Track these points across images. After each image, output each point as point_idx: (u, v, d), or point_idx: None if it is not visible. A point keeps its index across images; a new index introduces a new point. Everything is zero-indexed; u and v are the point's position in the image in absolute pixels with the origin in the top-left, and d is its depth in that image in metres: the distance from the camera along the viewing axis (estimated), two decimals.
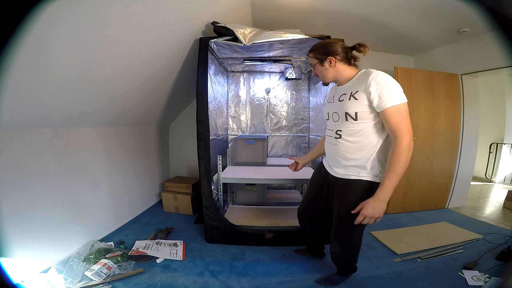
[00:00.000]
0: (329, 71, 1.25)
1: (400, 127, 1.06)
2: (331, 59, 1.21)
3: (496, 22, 0.53)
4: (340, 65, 1.22)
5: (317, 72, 1.30)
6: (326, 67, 1.24)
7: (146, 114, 2.57)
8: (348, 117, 1.17)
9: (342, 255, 1.42)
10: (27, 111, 1.31)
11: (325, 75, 1.27)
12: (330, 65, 1.22)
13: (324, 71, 1.26)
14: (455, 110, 2.82)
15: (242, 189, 2.67)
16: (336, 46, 1.22)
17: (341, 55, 1.21)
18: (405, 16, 2.30)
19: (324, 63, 1.23)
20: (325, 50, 1.23)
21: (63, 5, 0.99)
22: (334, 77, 1.26)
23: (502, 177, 4.29)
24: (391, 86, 1.08)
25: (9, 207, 1.33)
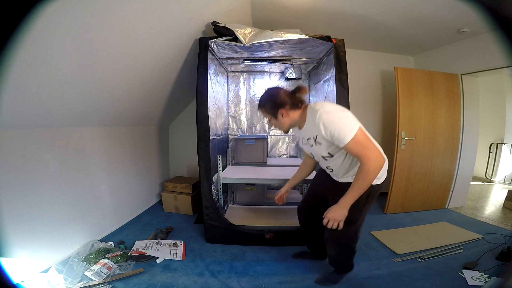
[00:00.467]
0: (285, 121, 1.31)
1: (362, 153, 1.12)
2: (282, 112, 1.28)
3: (496, 22, 0.53)
4: (291, 112, 1.28)
5: (273, 124, 1.36)
6: (280, 120, 1.31)
7: (146, 114, 2.57)
8: (327, 158, 1.28)
9: (339, 256, 1.47)
10: (27, 111, 1.31)
11: (282, 126, 1.34)
12: (283, 116, 1.29)
13: (280, 124, 1.33)
14: (455, 110, 2.82)
15: (242, 189, 2.63)
16: (280, 96, 1.28)
17: (288, 104, 1.27)
18: (405, 16, 2.30)
19: (277, 116, 1.30)
20: (273, 104, 1.29)
21: (63, 5, 0.99)
22: (291, 125, 1.34)
23: (502, 177, 4.29)
24: (337, 124, 1.12)
25: (9, 207, 1.33)
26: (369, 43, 3.07)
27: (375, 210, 2.85)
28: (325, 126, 1.14)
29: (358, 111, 3.24)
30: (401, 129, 2.65)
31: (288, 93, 1.30)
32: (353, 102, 2.00)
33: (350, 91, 1.93)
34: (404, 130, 2.66)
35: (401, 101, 2.64)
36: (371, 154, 1.11)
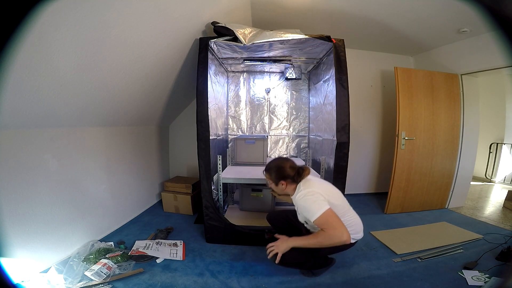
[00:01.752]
0: (282, 190, 1.54)
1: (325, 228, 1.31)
2: (283, 183, 1.50)
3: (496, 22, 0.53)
4: (289, 185, 1.50)
5: (272, 187, 1.59)
6: (279, 187, 1.53)
7: (146, 114, 2.57)
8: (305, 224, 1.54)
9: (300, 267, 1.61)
10: (27, 111, 1.31)
11: (277, 192, 1.61)
12: (283, 186, 1.51)
13: (277, 189, 1.57)
14: (455, 110, 2.82)
15: (247, 196, 2.37)
16: (287, 170, 1.49)
17: (290, 178, 1.48)
18: (405, 16, 2.30)
19: (278, 184, 1.52)
20: (279, 174, 1.51)
21: (63, 5, 0.99)
22: (285, 193, 1.59)
23: (502, 177, 4.29)
24: (310, 206, 1.35)
25: (9, 207, 1.33)
26: (369, 43, 3.07)
27: (375, 210, 2.85)
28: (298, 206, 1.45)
29: (358, 111, 3.26)
30: (401, 129, 2.65)
31: (294, 169, 1.49)
32: (353, 102, 2.01)
33: (350, 91, 1.93)
34: (404, 130, 2.66)
35: (401, 101, 2.64)
36: (333, 231, 1.29)
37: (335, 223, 1.31)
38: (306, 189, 1.41)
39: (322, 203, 1.34)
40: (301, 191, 1.42)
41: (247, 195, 2.39)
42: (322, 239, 1.30)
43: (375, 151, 3.40)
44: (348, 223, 1.41)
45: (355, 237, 1.48)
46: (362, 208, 2.87)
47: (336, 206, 1.39)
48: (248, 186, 2.34)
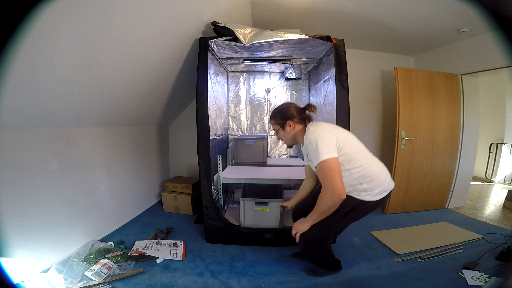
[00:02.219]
0: (290, 134, 1.43)
1: (323, 182, 1.22)
2: (290, 123, 1.40)
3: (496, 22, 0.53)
4: (297, 126, 1.41)
5: (280, 136, 1.48)
6: (287, 131, 1.42)
7: (146, 114, 2.57)
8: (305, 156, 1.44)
9: (311, 255, 1.56)
10: (27, 111, 1.31)
11: (287, 138, 1.46)
12: (290, 128, 1.41)
13: (286, 134, 1.44)
14: (455, 110, 2.82)
15: (251, 210, 1.95)
16: (291, 109, 1.41)
17: (297, 117, 1.40)
18: (405, 16, 2.30)
19: (285, 127, 1.41)
20: (283, 115, 1.41)
21: (63, 5, 0.99)
22: (295, 138, 1.45)
23: (502, 177, 4.29)
24: (313, 147, 1.23)
25: (9, 207, 1.33)
26: (369, 43, 3.07)
27: (375, 210, 2.84)
28: (306, 146, 1.29)
29: (358, 111, 3.26)
30: (401, 129, 2.65)
31: (299, 108, 1.41)
32: (353, 102, 2.00)
33: (350, 91, 1.93)
34: (404, 130, 2.66)
35: (401, 101, 2.64)
36: (329, 185, 1.18)
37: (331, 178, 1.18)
38: (318, 127, 1.29)
39: (331, 147, 1.21)
40: (309, 131, 1.29)
41: (250, 210, 1.96)
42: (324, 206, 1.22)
43: (375, 151, 3.39)
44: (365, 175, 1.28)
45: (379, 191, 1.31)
46: None
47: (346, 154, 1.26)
48: (251, 199, 1.94)
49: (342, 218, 1.34)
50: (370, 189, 1.31)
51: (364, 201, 1.32)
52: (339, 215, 1.32)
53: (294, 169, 2.48)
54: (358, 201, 1.32)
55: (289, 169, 2.48)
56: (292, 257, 1.82)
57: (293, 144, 1.49)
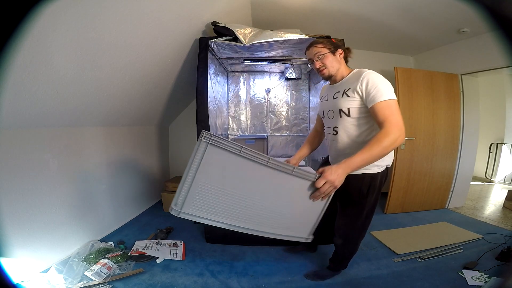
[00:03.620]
0: (338, 63, 1.29)
1: (388, 119, 1.05)
2: (341, 52, 1.28)
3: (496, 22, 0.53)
4: (342, 60, 1.30)
5: (325, 61, 1.27)
6: (336, 58, 1.28)
7: (146, 114, 2.57)
8: (342, 114, 1.22)
9: (343, 247, 1.48)
10: (27, 111, 1.31)
11: (334, 65, 1.28)
12: (340, 56, 1.29)
13: (334, 61, 1.28)
14: (455, 110, 2.82)
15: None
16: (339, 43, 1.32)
17: (345, 51, 1.31)
18: (405, 16, 2.30)
19: (335, 53, 1.28)
20: (334, 44, 1.30)
21: (63, 5, 0.99)
22: (338, 69, 1.29)
23: (502, 177, 4.29)
24: (381, 83, 1.11)
25: (9, 207, 1.33)
26: (369, 43, 3.07)
27: (375, 210, 2.85)
28: (368, 80, 1.12)
29: None
30: None
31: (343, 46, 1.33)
32: None
33: None
34: None
35: (401, 101, 2.64)
36: (398, 122, 1.03)
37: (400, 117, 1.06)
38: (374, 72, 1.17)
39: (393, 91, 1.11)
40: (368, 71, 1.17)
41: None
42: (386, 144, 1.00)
43: None
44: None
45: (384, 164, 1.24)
46: None
47: None
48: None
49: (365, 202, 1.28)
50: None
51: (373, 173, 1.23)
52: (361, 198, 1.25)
53: None
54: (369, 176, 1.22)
55: None
56: (284, 251, 1.85)
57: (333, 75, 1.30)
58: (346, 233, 1.41)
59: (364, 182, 1.23)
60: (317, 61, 1.28)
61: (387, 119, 1.04)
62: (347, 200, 1.30)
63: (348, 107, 1.19)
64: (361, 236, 1.44)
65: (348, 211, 1.34)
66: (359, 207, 1.30)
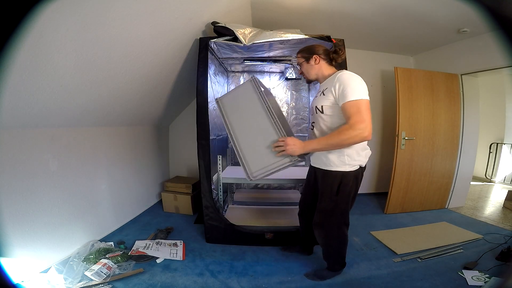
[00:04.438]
0: (314, 68, 1.41)
1: (353, 116, 1.15)
2: (316, 57, 1.39)
3: (496, 22, 0.53)
4: (323, 63, 1.40)
5: (302, 70, 1.45)
6: (311, 64, 1.41)
7: (146, 114, 2.57)
8: (317, 111, 1.35)
9: (327, 246, 1.52)
10: (27, 111, 1.31)
11: (309, 72, 1.43)
12: (315, 62, 1.39)
13: (309, 68, 1.42)
14: (455, 110, 2.82)
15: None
16: (320, 47, 1.42)
17: (324, 54, 1.40)
18: (405, 16, 2.30)
19: (310, 61, 1.41)
20: (311, 50, 1.42)
21: (63, 5, 0.99)
22: (316, 74, 1.42)
23: (502, 177, 4.29)
24: (352, 84, 1.20)
25: (9, 207, 1.33)
26: (369, 43, 3.07)
27: (375, 210, 2.85)
28: (340, 81, 1.23)
29: None
30: (401, 129, 2.65)
31: (327, 49, 1.43)
32: None
33: None
34: (404, 130, 2.66)
35: (401, 101, 2.64)
36: (362, 120, 1.14)
37: (366, 115, 1.15)
38: (350, 73, 1.26)
39: (364, 91, 1.20)
40: (343, 72, 1.27)
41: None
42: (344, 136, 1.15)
43: (375, 151, 3.40)
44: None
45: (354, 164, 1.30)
46: (362, 208, 2.87)
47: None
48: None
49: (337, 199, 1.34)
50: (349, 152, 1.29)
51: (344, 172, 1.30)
52: (332, 196, 1.34)
53: (294, 169, 2.48)
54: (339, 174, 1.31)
55: (289, 169, 2.47)
56: (281, 250, 1.87)
57: (313, 79, 1.44)
58: (324, 230, 1.45)
59: (335, 180, 1.32)
60: (299, 69, 1.48)
61: (352, 116, 1.16)
62: (321, 196, 1.40)
63: (322, 105, 1.31)
64: (341, 234, 1.46)
65: (322, 207, 1.41)
66: (331, 204, 1.37)
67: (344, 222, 1.44)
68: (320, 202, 1.42)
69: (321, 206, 1.42)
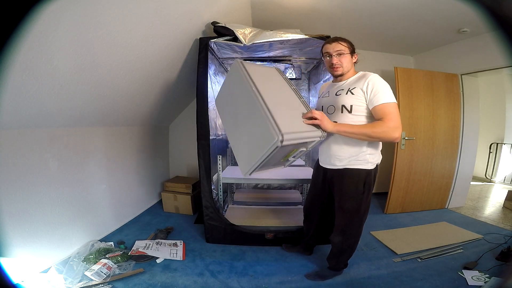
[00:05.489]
0: (351, 64, 1.38)
1: (388, 116, 1.19)
2: (356, 55, 1.39)
3: (496, 22, 0.53)
4: (353, 62, 1.38)
5: (343, 60, 1.34)
6: (352, 59, 1.37)
7: (146, 114, 2.57)
8: (344, 110, 1.30)
9: (342, 244, 1.48)
10: (27, 111, 1.31)
11: (348, 66, 1.37)
12: (355, 58, 1.39)
13: (349, 62, 1.37)
14: (455, 110, 2.82)
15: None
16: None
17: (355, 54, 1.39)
18: (405, 16, 2.30)
19: (353, 55, 1.38)
20: (353, 46, 1.39)
21: (63, 5, 0.99)
22: (349, 69, 1.37)
23: (502, 177, 4.28)
24: (385, 87, 1.23)
25: (9, 207, 1.33)
26: (369, 43, 3.07)
27: (375, 210, 2.85)
28: (374, 83, 1.23)
29: None
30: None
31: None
32: None
33: None
34: (404, 130, 2.66)
35: (401, 101, 2.64)
36: (396, 120, 1.18)
37: (397, 117, 1.20)
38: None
39: (393, 95, 1.24)
40: (373, 74, 1.28)
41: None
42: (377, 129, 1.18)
43: None
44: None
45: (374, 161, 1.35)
46: None
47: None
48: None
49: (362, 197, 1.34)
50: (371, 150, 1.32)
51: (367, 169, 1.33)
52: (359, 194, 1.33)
53: (294, 169, 2.49)
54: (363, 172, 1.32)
55: (289, 169, 2.48)
56: (282, 249, 1.88)
57: (342, 73, 1.37)
58: (346, 229, 1.43)
59: (360, 178, 1.32)
60: (335, 57, 1.33)
61: (387, 116, 1.19)
62: (345, 196, 1.36)
63: (351, 104, 1.27)
64: (359, 232, 1.47)
65: (347, 207, 1.38)
66: (357, 202, 1.35)
67: (365, 220, 1.44)
68: (343, 202, 1.37)
69: (345, 207, 1.38)
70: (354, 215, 1.38)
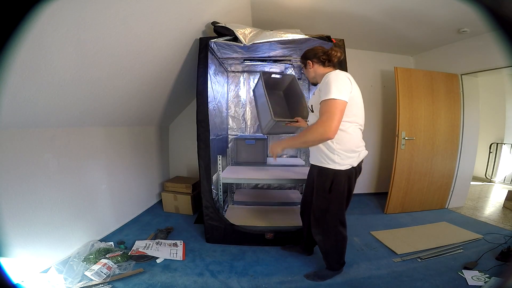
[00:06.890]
0: (310, 72, 1.51)
1: (321, 116, 1.23)
2: (309, 62, 1.49)
3: (496, 22, 0.53)
4: (316, 66, 1.47)
5: (304, 72, 1.55)
6: (307, 69, 1.51)
7: (146, 114, 2.57)
8: (309, 110, 1.49)
9: (324, 244, 1.52)
10: (27, 111, 1.31)
11: (308, 75, 1.54)
12: (309, 67, 1.49)
13: (307, 73, 1.54)
14: (455, 110, 2.82)
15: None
16: (313, 51, 1.49)
17: (316, 58, 1.46)
18: (405, 16, 2.30)
19: (306, 66, 1.51)
20: (305, 55, 1.51)
21: (63, 5, 0.99)
22: (314, 77, 1.51)
23: (502, 177, 4.29)
24: (333, 84, 1.23)
25: (9, 207, 1.33)
26: (369, 43, 3.07)
27: (375, 210, 2.85)
28: (325, 82, 1.28)
29: None
30: (401, 129, 2.65)
31: (323, 50, 1.46)
32: None
33: None
34: (404, 130, 2.66)
35: (401, 101, 2.64)
36: (326, 120, 1.20)
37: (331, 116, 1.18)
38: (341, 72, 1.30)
39: (343, 91, 1.21)
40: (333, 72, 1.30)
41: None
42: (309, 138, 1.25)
43: (375, 151, 3.40)
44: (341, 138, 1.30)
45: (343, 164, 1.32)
46: (362, 208, 2.87)
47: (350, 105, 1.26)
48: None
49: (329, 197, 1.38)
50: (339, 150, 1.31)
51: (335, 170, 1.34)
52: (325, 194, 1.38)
53: (294, 169, 2.49)
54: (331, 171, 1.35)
55: (289, 169, 2.48)
56: (281, 249, 1.89)
57: (314, 82, 1.52)
58: (319, 226, 1.48)
59: (328, 177, 1.36)
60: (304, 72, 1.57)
61: (321, 116, 1.23)
62: (316, 194, 1.45)
63: (312, 104, 1.42)
64: (338, 232, 1.47)
65: (317, 204, 1.45)
66: (325, 202, 1.41)
67: (339, 221, 1.45)
68: (315, 199, 1.46)
69: (316, 204, 1.46)
70: (324, 214, 1.43)
